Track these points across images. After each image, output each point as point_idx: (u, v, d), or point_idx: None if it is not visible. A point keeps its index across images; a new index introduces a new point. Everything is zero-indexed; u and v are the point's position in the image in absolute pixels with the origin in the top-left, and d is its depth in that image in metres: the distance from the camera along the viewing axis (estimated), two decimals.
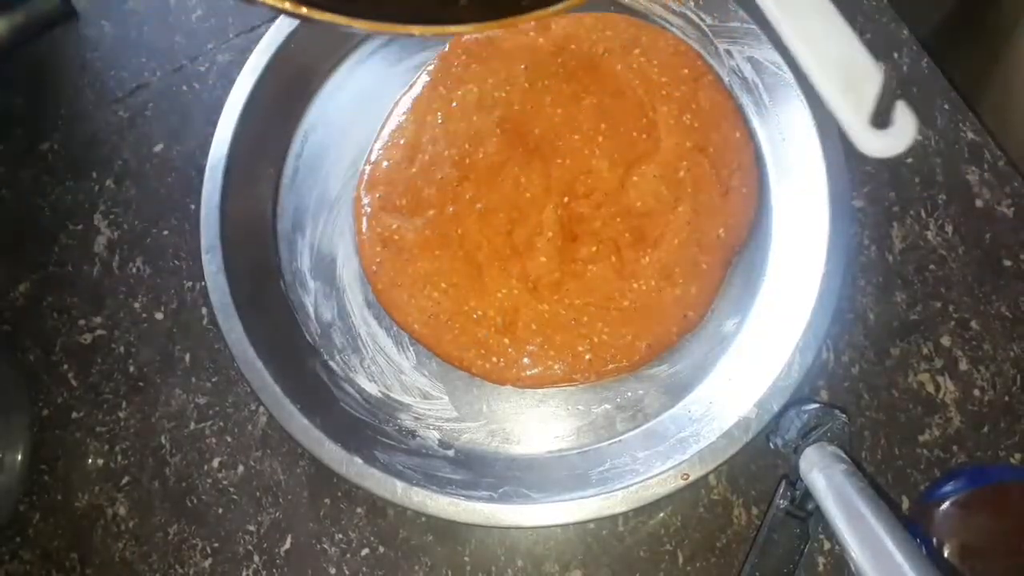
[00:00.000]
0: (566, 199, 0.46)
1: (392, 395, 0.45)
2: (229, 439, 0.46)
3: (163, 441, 0.46)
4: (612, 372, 0.44)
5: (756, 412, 0.41)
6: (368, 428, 0.44)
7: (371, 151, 0.48)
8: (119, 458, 0.46)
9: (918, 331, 0.46)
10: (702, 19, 0.49)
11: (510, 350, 0.44)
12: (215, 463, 0.45)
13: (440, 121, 0.48)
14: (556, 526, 0.42)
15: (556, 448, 0.44)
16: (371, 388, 0.46)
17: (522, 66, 0.49)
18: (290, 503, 0.45)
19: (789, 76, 0.46)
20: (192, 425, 0.46)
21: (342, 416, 0.44)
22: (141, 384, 0.47)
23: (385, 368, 0.46)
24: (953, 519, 0.41)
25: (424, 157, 0.47)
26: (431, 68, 0.49)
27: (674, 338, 0.45)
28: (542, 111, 0.48)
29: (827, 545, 0.42)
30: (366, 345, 0.46)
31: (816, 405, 0.42)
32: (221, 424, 0.46)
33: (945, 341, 0.45)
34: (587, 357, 0.44)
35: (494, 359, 0.44)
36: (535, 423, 0.45)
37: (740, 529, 0.43)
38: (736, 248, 0.46)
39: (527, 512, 0.41)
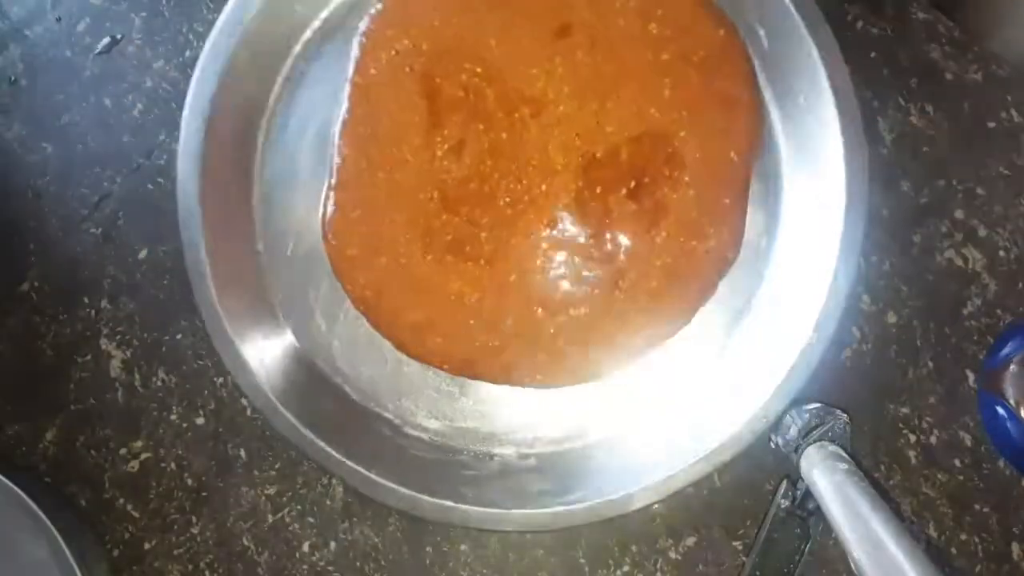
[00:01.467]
0: (544, 187, 0.43)
1: (456, 423, 0.45)
2: (312, 520, 0.44)
3: (246, 542, 0.44)
4: (667, 336, 0.43)
5: (816, 337, 0.41)
6: (445, 465, 0.43)
7: (324, 197, 0.44)
8: (207, 573, 0.44)
9: (931, 213, 0.47)
10: None
11: (550, 363, 0.43)
12: (305, 548, 0.44)
13: (371, 132, 0.44)
14: (658, 502, 0.42)
15: (632, 424, 0.44)
16: (434, 424, 0.45)
17: (436, 21, 0.44)
18: (393, 562, 0.44)
19: None
20: (270, 518, 0.45)
21: (416, 463, 0.43)
22: (204, 494, 0.45)
23: (440, 400, 0.45)
24: (1021, 377, 0.42)
25: (362, 193, 0.44)
26: (350, 74, 0.44)
27: (716, 283, 0.43)
28: (476, 64, 0.43)
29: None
30: (413, 385, 0.45)
31: (817, 404, 0.41)
32: (299, 508, 0.45)
33: (959, 214, 0.47)
34: (632, 340, 0.43)
35: (539, 375, 0.43)
36: (600, 406, 0.44)
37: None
38: (751, 166, 0.43)
39: (627, 498, 0.40)
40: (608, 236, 0.43)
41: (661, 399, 0.44)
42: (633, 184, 0.43)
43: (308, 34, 0.47)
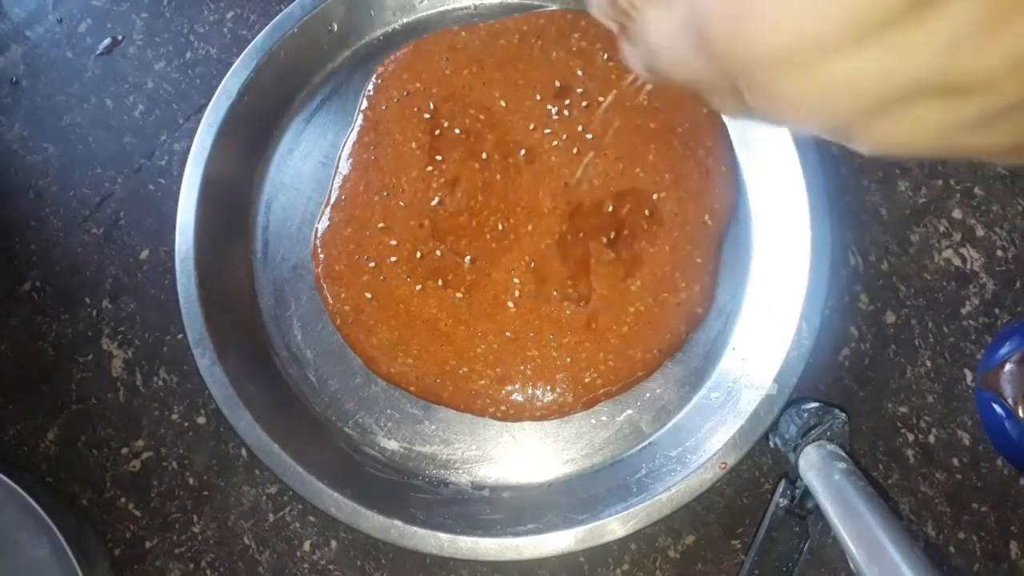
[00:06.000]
0: (530, 227, 0.45)
1: (414, 447, 0.44)
2: (312, 518, 0.45)
3: (247, 541, 0.45)
4: (630, 385, 0.44)
5: (777, 388, 0.41)
6: (398, 487, 0.43)
7: (321, 212, 0.47)
8: (208, 572, 0.44)
9: (929, 212, 0.47)
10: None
11: (515, 396, 0.44)
12: (306, 546, 0.44)
13: (374, 159, 0.46)
14: (610, 543, 0.41)
15: (588, 465, 0.44)
16: (392, 445, 0.45)
17: (448, 70, 0.47)
18: (393, 561, 0.44)
19: None
20: (271, 517, 0.45)
21: (369, 479, 0.43)
22: (206, 493, 0.45)
23: (401, 422, 0.45)
24: (1019, 376, 0.43)
25: (357, 212, 0.46)
26: (364, 107, 0.48)
27: (684, 336, 0.44)
28: (479, 112, 0.47)
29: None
30: (378, 404, 0.45)
31: (816, 404, 0.42)
32: (300, 506, 0.45)
33: (956, 214, 0.47)
34: (598, 382, 0.44)
35: (503, 407, 0.44)
36: (562, 445, 0.44)
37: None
38: (723, 232, 0.45)
39: (576, 536, 0.40)
40: (586, 279, 0.44)
41: (679, 393, 0.44)
42: (613, 235, 0.45)
43: (330, 67, 0.50)
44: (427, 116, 0.47)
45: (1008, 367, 0.42)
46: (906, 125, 0.16)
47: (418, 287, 0.45)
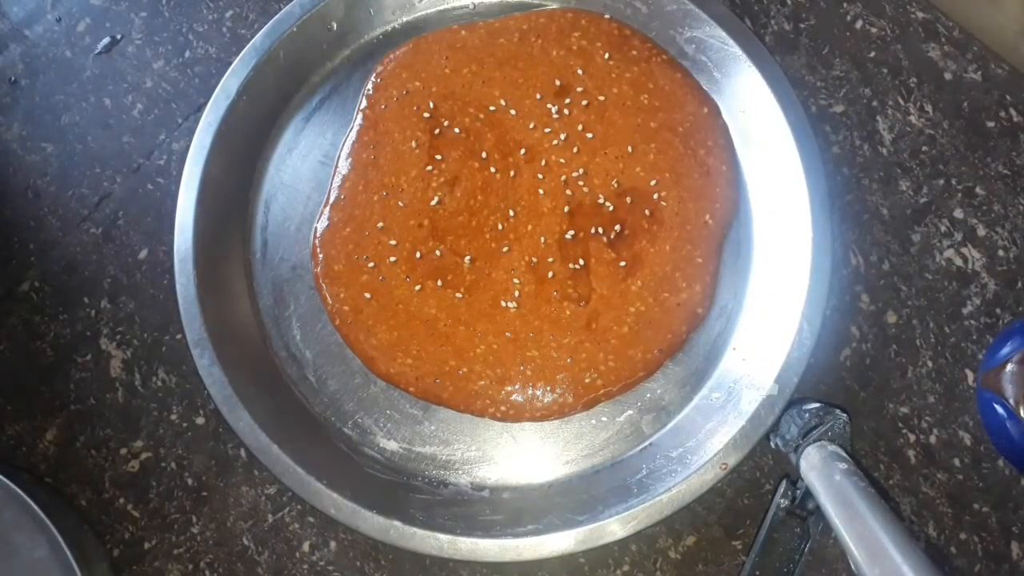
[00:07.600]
0: (530, 227, 0.45)
1: (414, 448, 0.44)
2: (312, 519, 0.44)
3: (246, 542, 0.44)
4: (630, 386, 0.44)
5: (778, 388, 0.41)
6: (398, 487, 0.43)
7: (320, 212, 0.47)
8: (207, 573, 0.44)
9: (931, 212, 0.47)
10: (637, 9, 0.48)
11: (515, 396, 0.43)
12: (305, 547, 0.44)
13: (373, 158, 0.46)
14: (610, 544, 0.41)
15: (588, 466, 0.44)
16: (392, 446, 0.44)
17: (447, 69, 0.47)
18: (392, 562, 0.44)
19: (736, 49, 0.46)
20: (270, 518, 0.45)
21: (368, 480, 0.43)
22: (204, 493, 0.45)
23: (401, 423, 0.45)
24: (1020, 376, 0.42)
25: (356, 212, 0.46)
26: (363, 106, 0.48)
27: (685, 337, 0.44)
28: (479, 111, 0.47)
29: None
30: (377, 404, 0.45)
31: (816, 404, 0.41)
32: (299, 507, 0.45)
33: (958, 214, 0.47)
34: (598, 382, 0.43)
35: (503, 407, 0.43)
36: (562, 445, 0.44)
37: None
38: (724, 232, 0.45)
39: (576, 537, 0.40)
40: (586, 279, 0.44)
41: (680, 393, 0.44)
42: (614, 234, 0.45)
43: (329, 66, 0.50)
44: (427, 115, 0.47)
45: (1009, 367, 0.42)
46: None
47: (417, 287, 0.44)
